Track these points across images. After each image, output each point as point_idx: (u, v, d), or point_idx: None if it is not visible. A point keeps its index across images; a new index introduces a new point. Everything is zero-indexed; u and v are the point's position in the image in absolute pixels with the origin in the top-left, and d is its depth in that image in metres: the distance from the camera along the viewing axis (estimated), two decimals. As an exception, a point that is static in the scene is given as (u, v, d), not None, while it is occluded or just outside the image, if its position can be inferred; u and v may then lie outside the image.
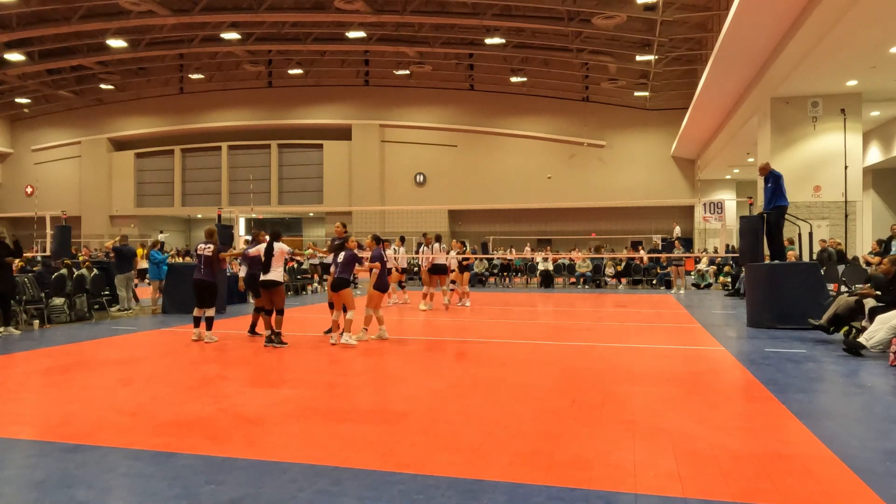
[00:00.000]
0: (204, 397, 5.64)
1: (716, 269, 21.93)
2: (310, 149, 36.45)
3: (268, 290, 8.72)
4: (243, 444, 4.29)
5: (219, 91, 36.76)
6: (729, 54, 16.11)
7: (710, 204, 16.74)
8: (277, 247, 8.66)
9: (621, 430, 4.54)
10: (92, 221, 38.05)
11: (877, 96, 17.20)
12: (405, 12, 24.52)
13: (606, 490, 3.42)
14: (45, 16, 25.37)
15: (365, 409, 5.22)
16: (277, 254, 8.63)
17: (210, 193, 37.10)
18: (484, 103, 34.30)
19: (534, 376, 6.59)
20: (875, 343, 7.20)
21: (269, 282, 8.65)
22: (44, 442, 4.37)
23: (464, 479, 3.60)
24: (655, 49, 24.62)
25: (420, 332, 10.19)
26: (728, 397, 5.68)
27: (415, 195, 34.45)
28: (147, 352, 8.34)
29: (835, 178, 16.54)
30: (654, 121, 32.43)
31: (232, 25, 26.89)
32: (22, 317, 10.83)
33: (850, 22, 11.88)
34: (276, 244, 8.68)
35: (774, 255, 10.84)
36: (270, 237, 8.86)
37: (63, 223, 15.99)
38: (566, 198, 31.19)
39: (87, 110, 38.76)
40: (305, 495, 3.38)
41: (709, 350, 8.31)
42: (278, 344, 8.49)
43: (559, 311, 13.66)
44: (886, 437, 4.33)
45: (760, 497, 3.32)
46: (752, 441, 4.27)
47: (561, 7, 22.82)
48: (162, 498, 3.36)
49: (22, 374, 6.91)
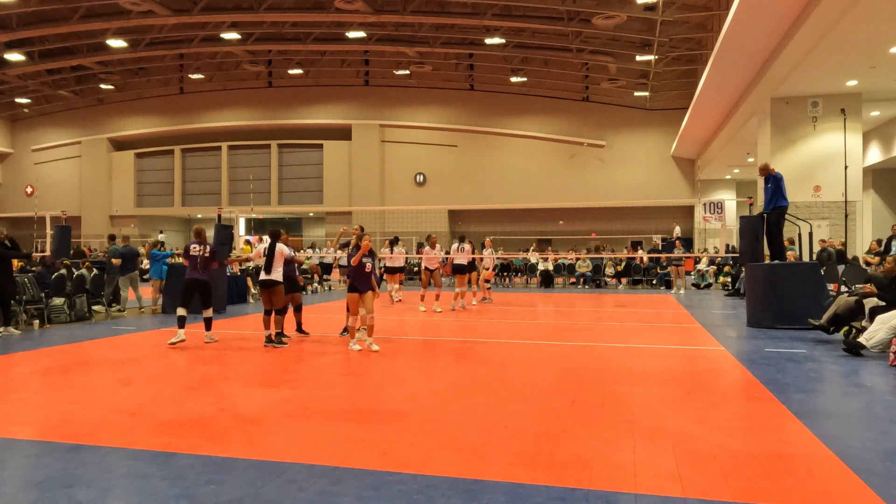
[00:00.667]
0: (204, 397, 5.64)
1: (716, 269, 21.93)
2: (310, 149, 36.44)
3: (267, 290, 8.70)
4: (243, 444, 4.29)
5: (219, 91, 36.75)
6: (729, 54, 16.11)
7: (710, 204, 16.73)
8: (278, 248, 8.65)
9: (621, 430, 4.54)
10: (92, 221, 38.04)
11: (877, 96, 17.19)
12: (405, 12, 24.51)
13: (606, 490, 3.42)
14: (45, 16, 25.36)
15: (365, 409, 5.22)
16: (277, 255, 8.63)
17: (210, 193, 37.09)
18: (484, 103, 34.30)
19: (534, 376, 6.59)
20: (875, 343, 7.20)
21: (269, 281, 8.65)
22: (44, 442, 4.36)
23: (464, 479, 3.60)
24: (655, 49, 24.61)
25: (420, 332, 10.19)
26: (728, 397, 5.68)
27: (415, 195, 34.44)
28: (147, 352, 8.34)
29: (835, 178, 16.53)
30: (654, 121, 32.42)
31: (232, 25, 26.88)
32: (22, 317, 10.83)
33: (850, 22, 11.87)
34: (277, 245, 8.66)
35: (774, 256, 10.84)
36: (270, 237, 8.81)
37: (63, 223, 15.97)
38: (566, 198, 31.19)
39: (87, 110, 38.76)
40: (305, 495, 3.38)
41: (709, 350, 8.31)
42: (278, 344, 8.51)
43: (559, 311, 13.66)
44: (886, 437, 4.33)
45: (760, 497, 3.32)
46: (752, 441, 4.27)
47: (561, 7, 22.81)
48: (162, 498, 3.36)
49: (22, 374, 6.90)
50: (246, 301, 15.66)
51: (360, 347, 8.19)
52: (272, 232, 8.91)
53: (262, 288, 8.75)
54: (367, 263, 8.16)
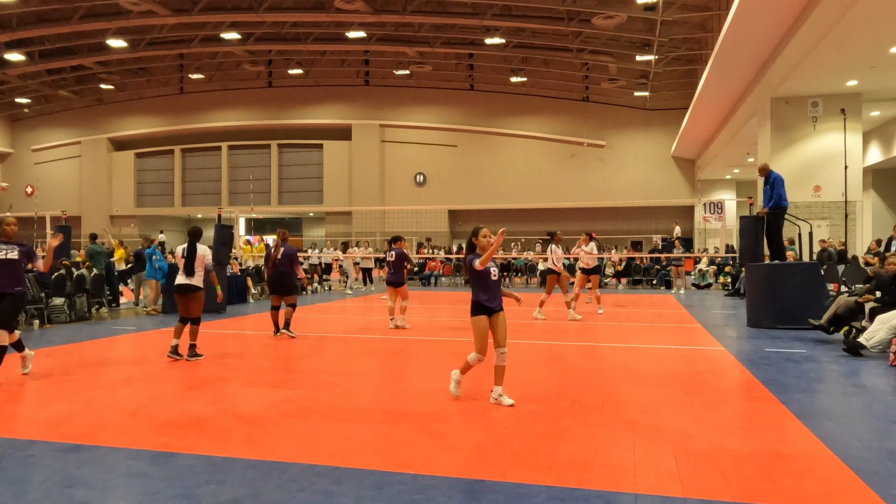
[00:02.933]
0: (204, 397, 5.64)
1: (716, 269, 21.94)
2: (310, 149, 36.44)
3: (183, 296, 7.85)
4: (243, 444, 4.29)
5: (219, 91, 36.76)
6: (729, 54, 16.12)
7: (710, 204, 16.76)
8: (199, 250, 7.91)
9: (621, 430, 4.54)
10: (92, 221, 38.01)
11: (877, 96, 17.19)
12: (405, 12, 24.52)
13: (606, 490, 3.43)
14: (45, 16, 25.38)
15: (365, 409, 5.21)
16: (199, 258, 7.90)
17: (210, 193, 37.10)
18: (484, 103, 34.30)
19: (534, 376, 6.59)
20: (875, 343, 7.20)
21: (186, 286, 7.83)
22: (44, 442, 4.36)
23: (464, 480, 3.60)
24: (655, 49, 24.61)
25: (420, 332, 10.18)
26: (728, 397, 5.68)
27: (415, 195, 34.44)
28: (147, 352, 8.34)
29: (835, 178, 16.53)
30: (654, 121, 32.43)
31: (232, 25, 26.89)
32: (22, 317, 10.83)
33: (850, 22, 11.87)
34: (198, 246, 7.93)
35: (774, 255, 10.85)
36: (190, 237, 8.05)
37: (63, 223, 16.00)
38: (566, 198, 31.20)
39: (87, 110, 38.76)
40: (305, 495, 3.38)
41: (709, 350, 8.31)
42: (192, 357, 7.68)
43: (559, 311, 13.66)
44: (886, 437, 4.33)
45: (760, 497, 3.32)
46: (752, 441, 4.27)
47: (561, 7, 22.82)
48: (162, 498, 3.36)
49: (22, 373, 6.90)
50: (246, 301, 15.66)
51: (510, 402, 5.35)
52: (192, 231, 8.08)
53: (178, 293, 7.80)
54: (493, 270, 5.46)
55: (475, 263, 5.33)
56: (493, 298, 5.40)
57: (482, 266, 5.33)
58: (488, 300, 5.38)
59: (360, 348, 8.61)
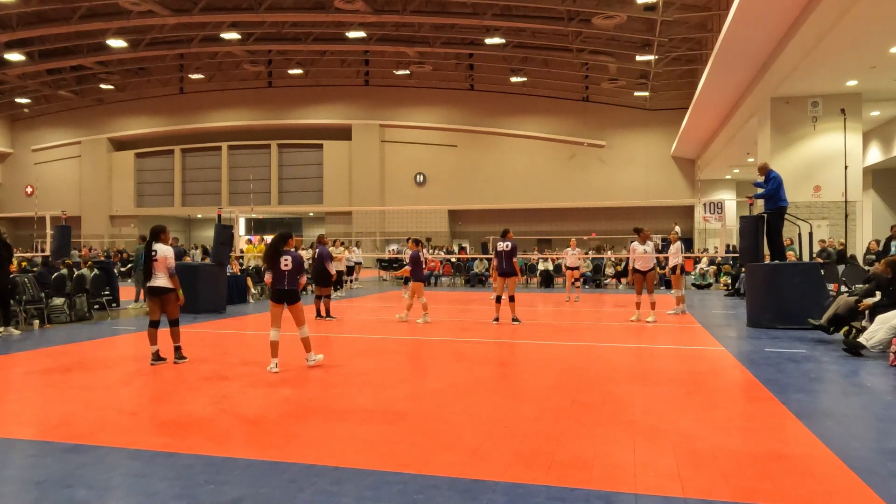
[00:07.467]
0: (204, 397, 5.64)
1: (716, 269, 21.93)
2: (310, 149, 36.46)
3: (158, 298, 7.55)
4: (243, 444, 4.29)
5: (219, 91, 36.77)
6: (729, 54, 16.12)
7: (710, 204, 16.74)
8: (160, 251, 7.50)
9: (621, 430, 4.54)
10: (92, 221, 38.06)
11: (877, 96, 17.20)
12: (405, 12, 24.53)
13: (606, 490, 3.42)
14: (45, 16, 25.39)
15: (365, 409, 5.21)
16: (160, 259, 7.52)
17: (210, 193, 37.12)
18: (484, 103, 34.31)
19: (534, 376, 6.58)
20: (875, 343, 7.20)
21: (156, 288, 7.53)
22: (44, 442, 4.36)
23: (463, 479, 3.60)
24: (655, 49, 24.62)
25: (420, 332, 10.18)
26: (728, 397, 5.68)
27: (415, 195, 34.46)
28: (147, 352, 8.33)
29: (835, 178, 16.54)
30: (654, 121, 32.44)
31: (232, 25, 26.90)
32: (22, 317, 10.83)
33: (850, 22, 11.88)
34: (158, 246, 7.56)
35: (774, 255, 10.84)
36: (150, 236, 7.77)
37: (63, 223, 15.99)
38: (566, 198, 31.21)
39: (87, 110, 38.77)
40: (305, 495, 3.38)
41: (709, 350, 8.30)
42: (178, 360, 7.54)
43: (559, 311, 13.65)
44: (886, 437, 4.33)
45: (760, 497, 3.32)
46: (752, 441, 4.26)
47: (561, 7, 22.82)
48: (162, 498, 3.36)
49: (22, 374, 6.90)
50: (246, 301, 15.65)
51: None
52: (152, 229, 7.69)
53: (151, 295, 7.49)
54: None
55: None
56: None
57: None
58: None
59: (359, 348, 8.61)
